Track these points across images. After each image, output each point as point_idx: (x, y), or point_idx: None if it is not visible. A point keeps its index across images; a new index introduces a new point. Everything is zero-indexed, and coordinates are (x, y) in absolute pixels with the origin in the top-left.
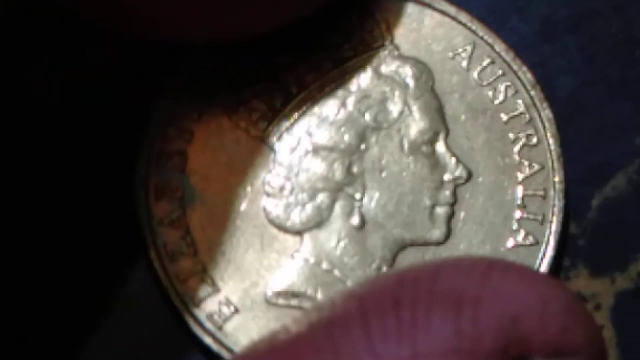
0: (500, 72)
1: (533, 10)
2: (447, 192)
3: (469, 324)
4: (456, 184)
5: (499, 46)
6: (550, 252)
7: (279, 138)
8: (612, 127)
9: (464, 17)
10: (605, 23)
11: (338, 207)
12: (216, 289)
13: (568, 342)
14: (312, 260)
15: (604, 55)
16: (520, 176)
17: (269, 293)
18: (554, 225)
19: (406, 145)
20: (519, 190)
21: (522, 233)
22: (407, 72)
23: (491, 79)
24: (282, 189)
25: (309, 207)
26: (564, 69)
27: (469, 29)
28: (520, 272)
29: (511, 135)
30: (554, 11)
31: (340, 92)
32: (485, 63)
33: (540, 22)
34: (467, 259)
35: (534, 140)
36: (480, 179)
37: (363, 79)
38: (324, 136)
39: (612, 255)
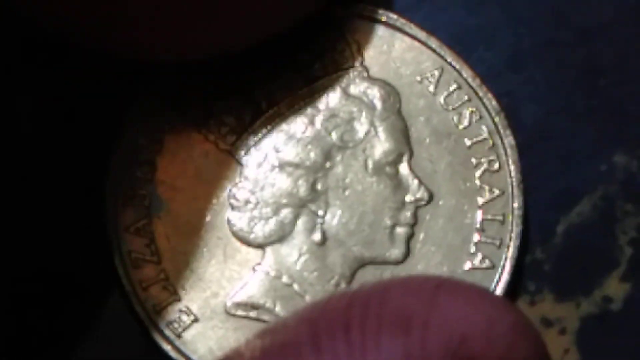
0: (466, 97)
1: (499, 40)
2: (408, 213)
3: (417, 346)
4: (417, 206)
5: (466, 72)
6: (505, 276)
7: (247, 152)
8: (577, 154)
9: (433, 42)
10: (570, 52)
11: (301, 222)
12: (177, 298)
13: (515, 359)
14: (272, 273)
15: (569, 84)
16: (480, 200)
17: (229, 304)
18: (511, 250)
19: (370, 165)
20: (479, 214)
21: (479, 256)
22: (375, 94)
23: (457, 104)
24: (247, 202)
25: (272, 222)
26: (529, 97)
27: (438, 54)
28: (467, 292)
29: (474, 160)
30: (519, 40)
31: (308, 110)
32: (452, 88)
33: (507, 51)
34: (415, 278)
35: (496, 166)
36: (441, 201)
37: (332, 98)
38: (290, 153)
39: (577, 280)
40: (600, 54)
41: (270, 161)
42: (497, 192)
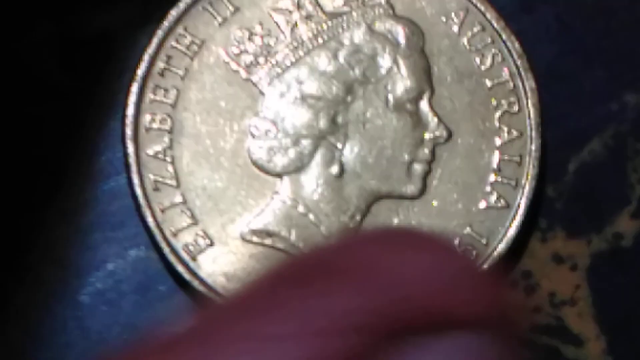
0: (489, 39)
1: None
2: (426, 150)
3: (357, 299)
4: (436, 143)
5: (491, 14)
6: (520, 216)
7: (270, 83)
8: (588, 94)
9: None
10: None
11: (319, 154)
12: (194, 221)
13: (461, 315)
14: (289, 202)
15: (580, 25)
16: (498, 141)
17: (245, 230)
18: (527, 191)
19: (391, 101)
20: (496, 155)
21: (494, 195)
22: (399, 31)
23: (480, 46)
24: (267, 132)
25: (292, 152)
26: (541, 38)
27: None
28: (414, 242)
29: (494, 101)
30: None
31: (332, 44)
32: (475, 30)
33: None
34: (360, 235)
35: (515, 108)
36: (459, 140)
37: (356, 34)
38: (312, 85)
39: (588, 217)
40: None
41: (292, 93)
42: (515, 133)
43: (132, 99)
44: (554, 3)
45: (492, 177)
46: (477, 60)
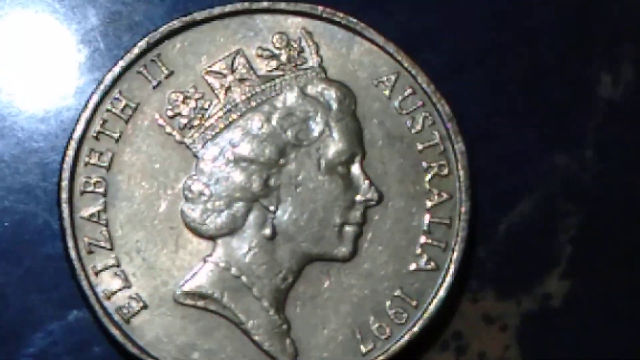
0: (420, 102)
1: (442, 44)
2: (358, 213)
3: None
4: (367, 206)
5: (421, 78)
6: (450, 277)
7: (203, 146)
8: (519, 155)
9: (391, 47)
10: (511, 55)
11: (252, 217)
12: (128, 284)
13: None
14: (222, 265)
15: (510, 87)
16: (428, 204)
17: (178, 292)
18: (457, 253)
19: (323, 164)
20: (426, 217)
21: (424, 258)
22: (332, 95)
23: (411, 109)
24: (201, 194)
25: (225, 215)
26: (471, 99)
27: (395, 59)
28: None
29: (424, 164)
30: (462, 44)
31: (266, 108)
32: (407, 93)
33: (449, 54)
34: None
35: (445, 171)
36: (390, 202)
37: (289, 97)
38: (246, 148)
39: (518, 278)
40: (541, 57)
41: (225, 155)
42: (445, 196)
43: (67, 162)
44: (484, 65)
45: (422, 239)
46: (408, 123)
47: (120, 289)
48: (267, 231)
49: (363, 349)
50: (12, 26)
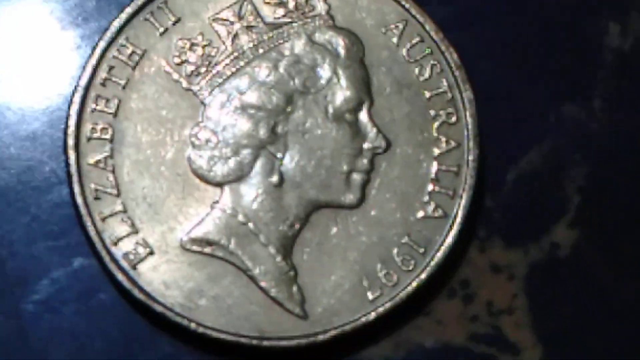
0: (428, 50)
1: None
2: (365, 160)
3: None
4: (375, 153)
5: (429, 26)
6: (457, 225)
7: (210, 93)
8: (527, 106)
9: None
10: (521, 8)
11: (259, 164)
12: (134, 230)
13: None
14: (228, 211)
15: (519, 39)
16: (436, 151)
17: (185, 239)
18: (464, 201)
19: (331, 112)
20: (434, 165)
21: (432, 205)
22: (339, 42)
23: (419, 57)
24: (207, 141)
25: (232, 162)
26: (480, 52)
27: (403, 6)
28: None
29: (432, 112)
30: None
31: (273, 55)
32: (414, 41)
33: (459, 6)
34: None
35: (453, 118)
36: (398, 150)
37: (297, 45)
38: (253, 95)
39: (526, 227)
40: (548, 8)
41: (232, 103)
42: (453, 144)
43: (74, 108)
44: (492, 19)
45: (430, 187)
46: (416, 71)
47: (126, 235)
48: (274, 178)
49: (370, 295)
50: None
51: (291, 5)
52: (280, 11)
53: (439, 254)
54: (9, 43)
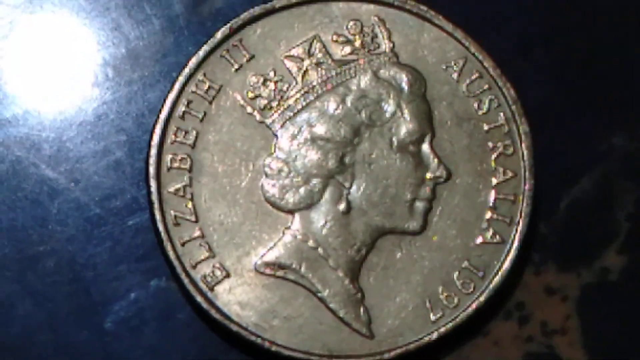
0: (486, 86)
1: (508, 27)
2: (427, 189)
3: None
4: (436, 182)
5: (488, 62)
6: (514, 251)
7: (282, 125)
8: (579, 135)
9: (459, 33)
10: (574, 38)
11: (328, 192)
12: (212, 254)
13: None
14: (299, 237)
15: (573, 69)
16: (494, 181)
17: (259, 262)
18: (521, 227)
19: (395, 143)
20: (492, 194)
21: (490, 232)
22: (403, 78)
23: (478, 92)
24: (280, 171)
25: (302, 190)
26: (536, 81)
27: (463, 44)
28: None
29: (490, 144)
30: (527, 27)
31: (341, 90)
32: (474, 77)
33: (515, 37)
34: None
35: (510, 150)
36: (458, 180)
37: (363, 80)
38: (322, 128)
39: (578, 252)
40: (601, 40)
41: (303, 135)
42: (510, 174)
43: (155, 140)
44: (549, 48)
45: (488, 215)
46: (475, 105)
47: (204, 259)
48: (342, 206)
49: (432, 316)
50: (101, 14)
51: (357, 43)
52: (347, 49)
53: (497, 278)
54: (92, 80)
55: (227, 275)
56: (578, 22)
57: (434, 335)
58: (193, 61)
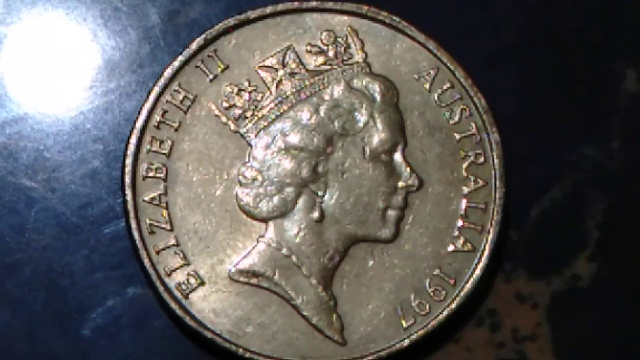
0: (458, 96)
1: (479, 40)
2: (400, 198)
3: None
4: (408, 191)
5: (459, 73)
6: (485, 258)
7: (257, 135)
8: (549, 145)
9: (431, 44)
10: (544, 52)
11: (302, 201)
12: (186, 262)
13: None
14: (273, 245)
15: (542, 80)
16: (465, 190)
17: (233, 270)
18: (491, 235)
19: (368, 153)
20: (463, 202)
21: (461, 240)
22: (376, 88)
23: (449, 102)
24: (254, 180)
25: (276, 199)
26: (506, 92)
27: (435, 55)
28: None
29: (461, 153)
30: (497, 41)
31: (314, 100)
32: (445, 87)
33: (485, 51)
34: None
35: (481, 159)
36: (430, 188)
37: (336, 90)
38: (296, 137)
39: (548, 260)
40: (570, 54)
41: (277, 144)
42: (481, 182)
43: (130, 149)
44: (517, 61)
45: (459, 223)
46: (447, 114)
47: (179, 267)
48: (316, 214)
49: (404, 323)
50: (78, 24)
51: (331, 53)
52: (321, 59)
53: (468, 285)
54: (69, 89)
55: (202, 283)
56: (548, 36)
57: (406, 342)
58: (168, 71)
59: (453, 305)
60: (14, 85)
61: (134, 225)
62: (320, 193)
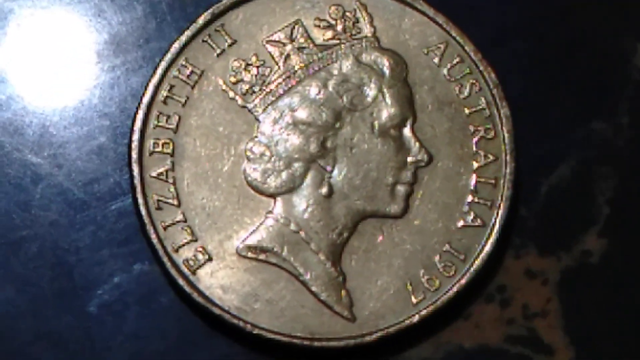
0: (467, 70)
1: (486, 17)
2: (409, 173)
3: None
4: (417, 166)
5: (469, 47)
6: (495, 234)
7: (264, 110)
8: (557, 122)
9: (440, 18)
10: (551, 27)
11: (310, 176)
12: (194, 238)
13: None
14: (281, 220)
15: (549, 57)
16: (475, 165)
17: (240, 246)
18: (501, 211)
19: (376, 128)
20: (473, 177)
21: (471, 215)
22: (385, 63)
23: (459, 76)
24: (262, 155)
25: (284, 174)
26: (513, 69)
27: (444, 29)
28: None
29: (471, 128)
30: (505, 17)
31: (323, 74)
32: (455, 61)
33: (493, 27)
34: None
35: (491, 134)
36: (439, 163)
37: (344, 65)
38: (304, 112)
39: (558, 236)
40: (579, 29)
41: (285, 119)
42: (491, 157)
43: (137, 124)
44: (524, 38)
45: (469, 198)
46: (456, 89)
47: (187, 243)
48: (324, 190)
49: (414, 299)
50: (89, 1)
51: (339, 28)
52: (329, 33)
53: (478, 261)
54: (75, 65)
55: (209, 259)
56: (557, 10)
57: (415, 318)
58: (175, 46)
59: (463, 281)
60: (19, 61)
61: (141, 201)
62: (328, 168)
